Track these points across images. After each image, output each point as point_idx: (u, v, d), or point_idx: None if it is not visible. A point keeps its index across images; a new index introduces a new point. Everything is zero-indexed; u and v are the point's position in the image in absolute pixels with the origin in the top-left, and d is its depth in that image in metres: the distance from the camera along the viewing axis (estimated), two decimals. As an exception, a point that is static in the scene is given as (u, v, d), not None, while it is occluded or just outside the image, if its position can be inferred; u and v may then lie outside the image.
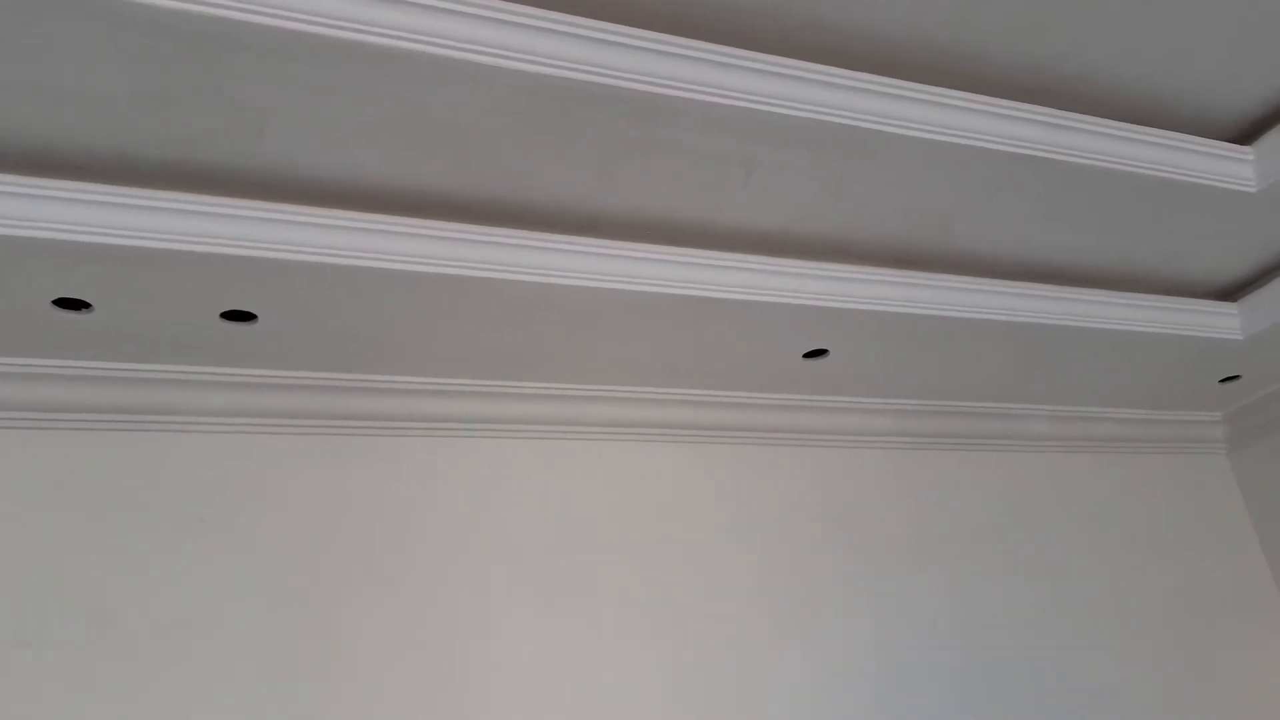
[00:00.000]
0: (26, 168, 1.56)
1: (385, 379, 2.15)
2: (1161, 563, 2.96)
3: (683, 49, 1.54)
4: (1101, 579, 2.84)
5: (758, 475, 2.53)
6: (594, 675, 2.15)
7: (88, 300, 1.76)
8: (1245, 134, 2.12)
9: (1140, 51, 1.85)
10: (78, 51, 1.35)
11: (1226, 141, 2.08)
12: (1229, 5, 1.75)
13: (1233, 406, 3.17)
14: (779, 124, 1.68)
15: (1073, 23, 1.75)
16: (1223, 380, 2.92)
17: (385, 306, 1.89)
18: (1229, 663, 2.89)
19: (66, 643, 1.83)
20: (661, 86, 1.56)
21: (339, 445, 2.14)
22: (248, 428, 2.08)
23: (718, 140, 1.71)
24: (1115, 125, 1.94)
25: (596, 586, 2.24)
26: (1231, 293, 2.63)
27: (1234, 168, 2.08)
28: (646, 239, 1.97)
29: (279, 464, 2.08)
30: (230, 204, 1.66)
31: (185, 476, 2.03)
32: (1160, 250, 2.35)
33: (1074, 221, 2.17)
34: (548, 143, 1.67)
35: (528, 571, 2.20)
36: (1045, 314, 2.33)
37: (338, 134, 1.59)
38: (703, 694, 2.23)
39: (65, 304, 1.76)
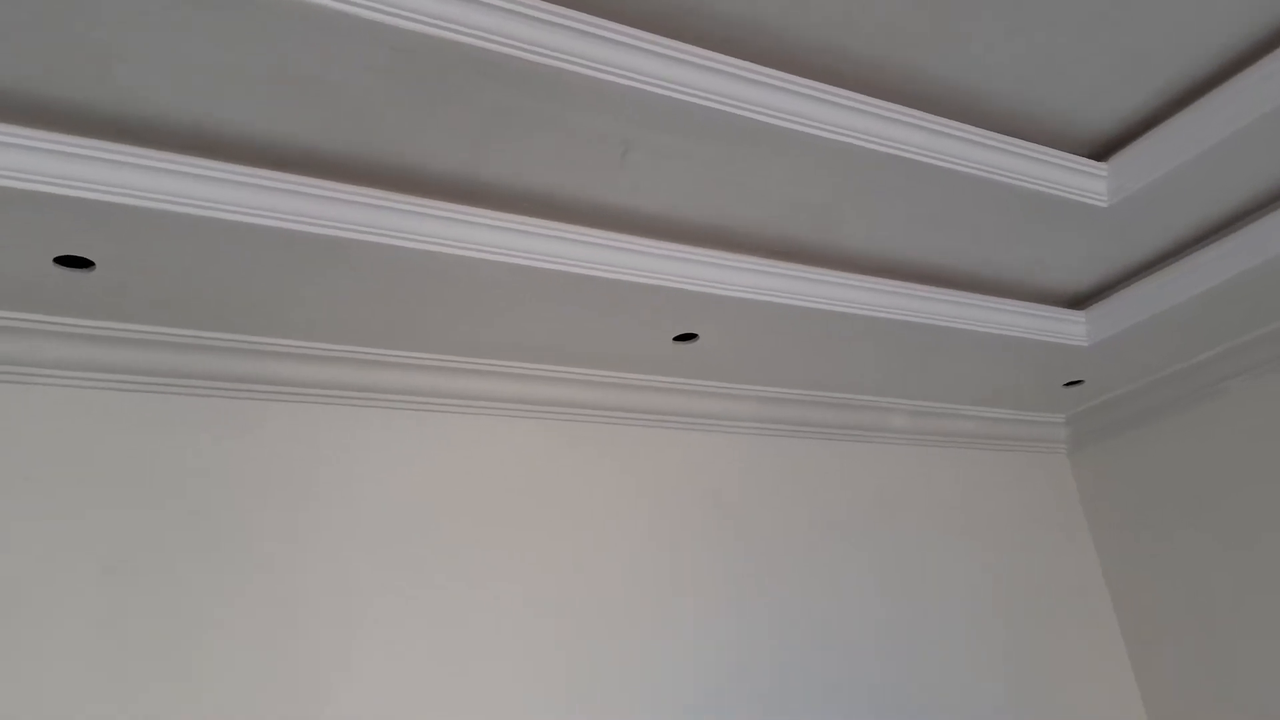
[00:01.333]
0: None
1: (240, 339, 2.05)
2: (1006, 556, 3.11)
3: (563, 19, 1.51)
4: (951, 570, 2.97)
5: (624, 456, 2.53)
6: (454, 657, 2.11)
7: (-99, 235, 1.61)
8: (1101, 150, 2.22)
9: (1007, 65, 1.90)
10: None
11: (1084, 157, 2.18)
12: (1090, 26, 1.82)
13: (1074, 410, 3.35)
14: (660, 106, 1.66)
15: (941, 35, 1.79)
16: (1067, 384, 3.08)
17: (242, 262, 1.80)
18: (1063, 653, 3.07)
19: None
20: (539, 55, 1.52)
21: (185, 405, 2.03)
22: (84, 382, 1.94)
23: (596, 117, 1.68)
24: (983, 133, 2.00)
25: (458, 565, 2.20)
26: (1082, 301, 2.77)
27: (1089, 182, 2.18)
28: (523, 211, 1.93)
29: (117, 422, 1.96)
30: (71, 141, 1.55)
31: (11, 431, 1.88)
32: (1020, 257, 2.45)
33: (943, 225, 2.23)
34: (422, 105, 1.60)
35: (387, 546, 2.14)
36: (909, 311, 2.40)
37: (196, 78, 1.49)
38: (565, 673, 2.22)
39: (-125, 238, 1.61)
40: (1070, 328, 2.72)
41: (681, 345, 2.40)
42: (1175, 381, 3.06)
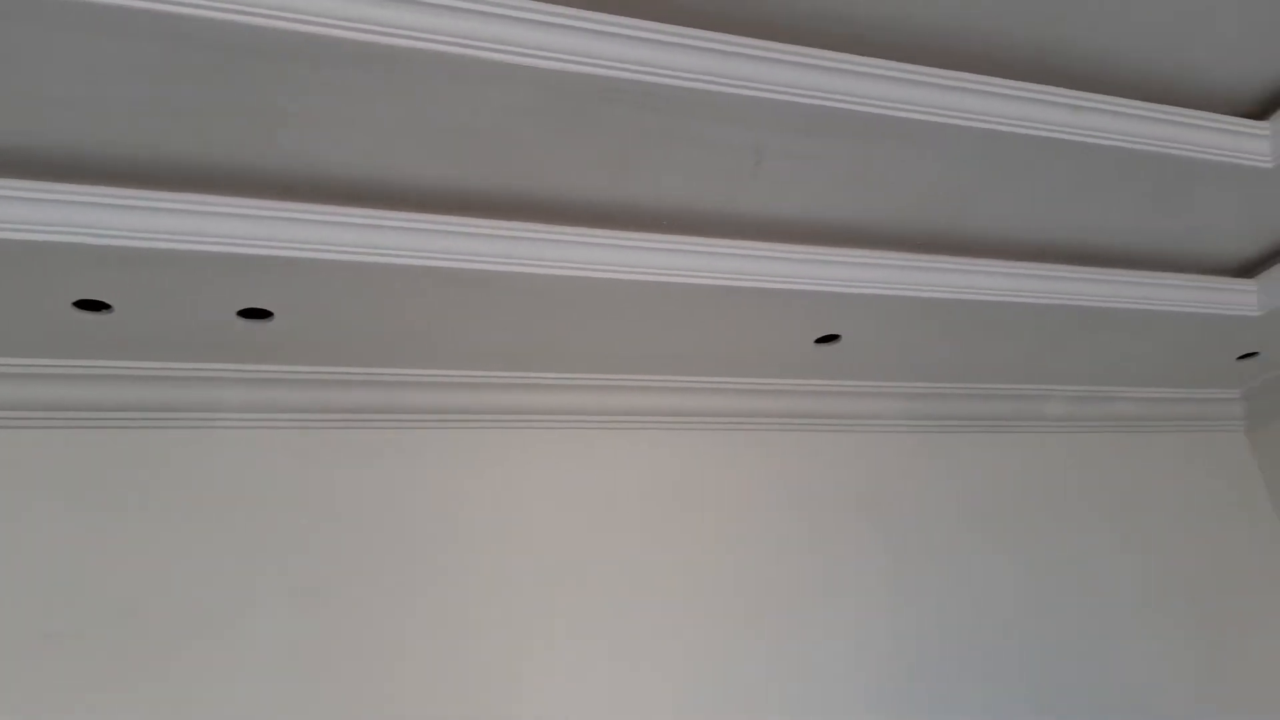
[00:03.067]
0: (43, 174, 1.58)
1: (403, 373, 2.17)
2: (1182, 542, 2.95)
3: (692, 40, 1.54)
4: (1121, 559, 2.83)
5: (774, 461, 2.53)
6: (617, 666, 2.17)
7: (108, 302, 1.78)
8: (1261, 109, 2.10)
9: (1153, 29, 1.82)
10: (92, 63, 1.36)
11: (1242, 117, 2.06)
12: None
13: (1251, 384, 3.15)
14: (788, 112, 1.67)
15: (1082, 2, 1.73)
16: (1240, 357, 2.90)
17: (402, 302, 1.91)
18: (1252, 639, 2.88)
19: (94, 636, 1.87)
20: (673, 78, 1.55)
21: (358, 439, 2.16)
22: (267, 423, 2.10)
23: (728, 130, 1.70)
24: (1131, 104, 1.92)
25: (620, 577, 2.26)
26: (1250, 269, 2.61)
27: (1250, 143, 2.05)
28: (664, 229, 1.97)
29: (298, 459, 2.11)
30: (246, 204, 1.68)
31: (207, 473, 2.05)
32: (1179, 228, 2.33)
33: (1092, 201, 2.15)
34: (562, 137, 1.67)
35: (549, 563, 2.21)
36: (1060, 294, 2.32)
37: (353, 134, 1.59)
38: (727, 678, 2.25)
39: (85, 305, 1.78)
40: (1239, 297, 2.56)
41: (824, 347, 2.39)
42: (1363, 346, 2.84)
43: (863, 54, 1.69)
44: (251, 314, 1.88)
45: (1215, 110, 2.05)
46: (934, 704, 2.42)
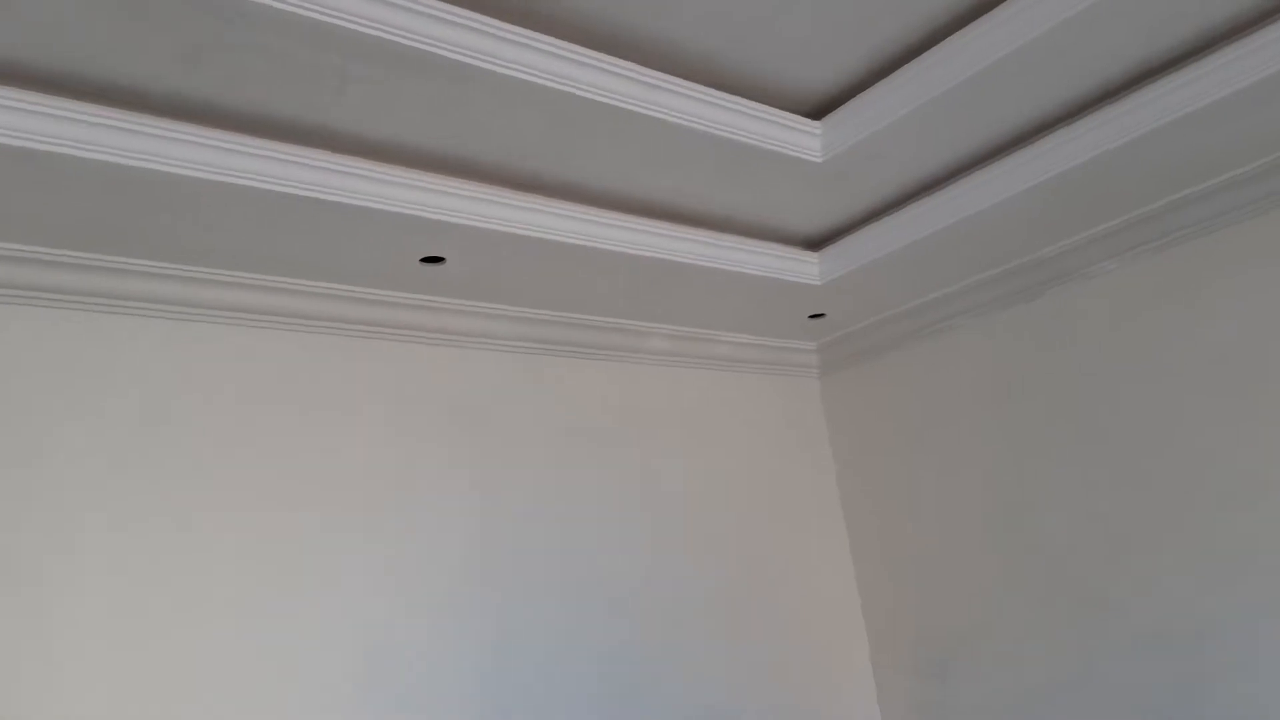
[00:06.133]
0: None
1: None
2: (752, 467, 3.42)
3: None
4: (697, 482, 3.24)
5: (372, 367, 2.64)
6: (181, 557, 2.22)
7: None
8: (821, 109, 2.42)
9: (729, 23, 2.04)
10: None
11: (803, 115, 2.37)
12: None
13: (823, 339, 3.66)
14: (367, 43, 1.73)
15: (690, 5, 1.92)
16: (811, 316, 3.36)
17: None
18: (796, 559, 3.42)
19: None
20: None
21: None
22: None
23: (304, 49, 1.74)
24: (699, 89, 2.14)
25: (194, 469, 2.29)
26: (820, 243, 3.01)
27: (803, 139, 2.37)
28: (250, 132, 1.98)
29: None
30: None
31: None
32: (753, 202, 2.64)
33: (673, 169, 2.39)
34: (128, 27, 1.63)
35: (111, 451, 2.20)
36: (644, 247, 2.58)
37: None
38: (304, 568, 2.37)
39: None
40: (805, 267, 2.97)
41: (429, 266, 2.51)
42: (908, 318, 3.38)
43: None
44: None
45: (791, 107, 2.35)
46: (511, 595, 2.68)
